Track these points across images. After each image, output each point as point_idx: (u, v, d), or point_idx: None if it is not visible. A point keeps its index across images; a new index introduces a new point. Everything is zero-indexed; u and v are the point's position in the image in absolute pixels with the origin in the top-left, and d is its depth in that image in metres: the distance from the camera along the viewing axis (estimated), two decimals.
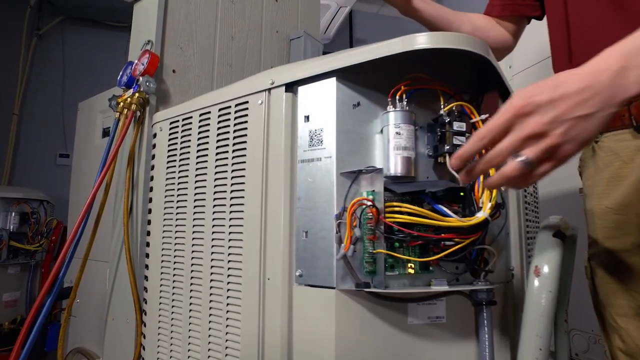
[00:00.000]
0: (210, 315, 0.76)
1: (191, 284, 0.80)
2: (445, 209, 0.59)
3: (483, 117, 0.64)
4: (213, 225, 0.77)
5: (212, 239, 0.77)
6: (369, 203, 0.59)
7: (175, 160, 0.88)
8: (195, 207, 0.82)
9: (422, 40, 0.60)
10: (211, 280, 0.76)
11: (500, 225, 0.67)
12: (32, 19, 3.06)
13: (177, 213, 0.86)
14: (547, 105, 0.41)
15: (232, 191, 0.75)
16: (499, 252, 0.66)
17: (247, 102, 0.74)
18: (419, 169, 0.64)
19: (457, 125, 0.62)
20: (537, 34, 0.97)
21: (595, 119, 0.41)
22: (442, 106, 0.64)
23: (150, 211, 0.95)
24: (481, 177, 0.63)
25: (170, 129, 0.91)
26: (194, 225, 0.81)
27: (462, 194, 0.62)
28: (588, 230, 0.71)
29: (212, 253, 0.77)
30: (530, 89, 0.43)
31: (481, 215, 0.59)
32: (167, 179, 0.90)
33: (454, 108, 0.63)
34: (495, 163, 0.45)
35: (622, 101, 0.41)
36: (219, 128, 0.79)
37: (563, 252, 0.51)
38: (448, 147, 0.61)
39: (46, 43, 3.15)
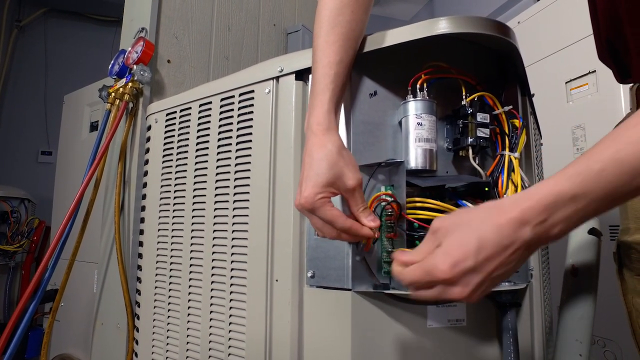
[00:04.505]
0: (211, 320, 0.70)
1: (190, 285, 0.75)
2: (469, 204, 0.55)
3: (506, 108, 0.61)
4: (214, 223, 0.72)
5: (214, 238, 0.72)
6: (391, 199, 0.55)
7: (172, 154, 0.83)
8: (194, 203, 0.76)
9: (443, 25, 0.56)
10: (212, 282, 0.71)
11: None
12: (12, 10, 2.94)
13: (174, 210, 0.80)
14: (472, 272, 0.39)
15: (235, 186, 0.70)
16: None
17: (252, 91, 0.70)
18: (438, 163, 0.60)
19: (481, 117, 0.58)
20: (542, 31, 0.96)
21: (514, 271, 0.40)
22: (463, 97, 0.60)
23: (143, 208, 0.89)
24: (505, 175, 0.60)
25: (167, 120, 0.86)
26: (193, 223, 0.76)
27: (486, 189, 0.58)
28: (620, 217, 0.68)
29: (214, 253, 0.71)
30: (453, 252, 0.40)
31: None
32: (163, 173, 0.84)
33: (476, 99, 0.60)
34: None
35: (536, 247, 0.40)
36: (221, 119, 0.74)
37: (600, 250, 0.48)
38: (471, 140, 0.58)
39: (28, 36, 3.03)
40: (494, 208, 0.40)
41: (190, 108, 0.80)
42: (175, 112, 0.84)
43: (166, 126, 0.85)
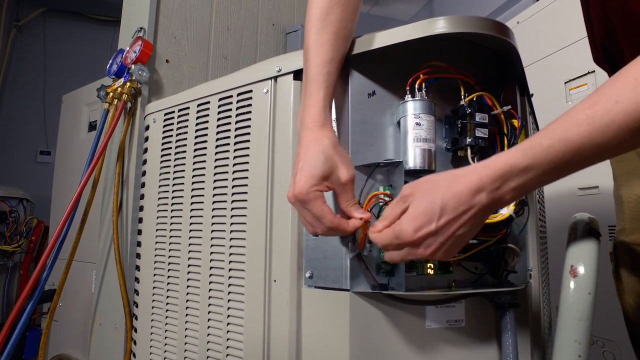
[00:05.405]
0: (209, 320, 0.70)
1: (188, 286, 0.75)
2: None
3: (505, 108, 0.61)
4: (212, 223, 0.72)
5: (212, 238, 0.72)
6: (388, 198, 0.55)
7: (170, 154, 0.83)
8: (192, 203, 0.76)
9: (442, 25, 0.56)
10: (210, 283, 0.71)
11: (520, 224, 0.64)
12: (11, 10, 2.93)
13: (173, 210, 0.80)
14: (433, 235, 0.44)
15: (234, 186, 0.69)
16: (521, 251, 0.62)
17: (250, 91, 0.69)
18: (436, 163, 0.60)
19: (480, 117, 0.58)
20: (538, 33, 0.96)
21: (473, 232, 0.45)
22: (462, 96, 0.60)
23: (142, 208, 0.89)
24: None
25: (165, 120, 0.85)
26: (191, 224, 0.76)
27: None
28: (617, 217, 0.68)
29: (212, 253, 0.71)
30: (418, 217, 0.45)
31: (505, 212, 0.56)
32: (161, 173, 0.84)
33: (475, 98, 0.59)
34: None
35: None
36: (219, 119, 0.74)
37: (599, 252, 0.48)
38: (470, 140, 0.58)
39: (26, 35, 3.03)
40: (456, 176, 0.45)
41: (188, 108, 0.80)
42: (173, 112, 0.83)
43: (164, 126, 0.85)
